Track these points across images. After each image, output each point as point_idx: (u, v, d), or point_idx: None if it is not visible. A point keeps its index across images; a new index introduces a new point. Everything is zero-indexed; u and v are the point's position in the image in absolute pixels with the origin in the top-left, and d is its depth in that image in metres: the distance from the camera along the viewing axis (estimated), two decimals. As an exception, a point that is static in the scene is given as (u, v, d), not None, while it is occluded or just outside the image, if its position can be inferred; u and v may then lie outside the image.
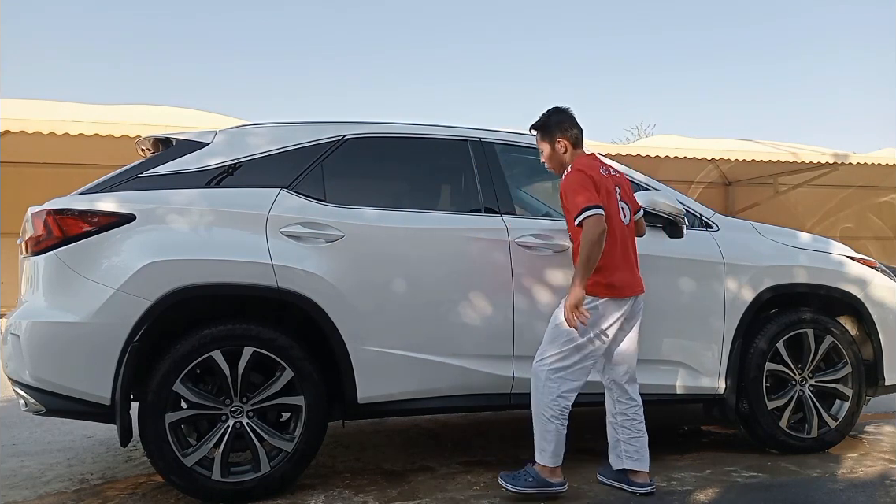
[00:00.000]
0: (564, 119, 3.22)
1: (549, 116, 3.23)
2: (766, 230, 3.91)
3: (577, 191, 2.99)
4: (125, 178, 3.22)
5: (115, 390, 2.91)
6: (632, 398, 3.17)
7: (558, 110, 3.24)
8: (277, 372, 3.08)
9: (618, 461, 3.16)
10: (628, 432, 3.15)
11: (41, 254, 3.01)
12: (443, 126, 3.70)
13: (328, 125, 3.50)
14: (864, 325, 3.91)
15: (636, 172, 3.86)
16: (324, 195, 3.29)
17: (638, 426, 3.15)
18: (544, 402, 3.01)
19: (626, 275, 3.08)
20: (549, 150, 3.22)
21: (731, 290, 3.63)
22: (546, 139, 3.22)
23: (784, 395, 3.73)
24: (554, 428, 2.99)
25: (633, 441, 3.14)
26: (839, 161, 12.10)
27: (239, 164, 3.30)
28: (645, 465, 3.12)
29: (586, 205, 2.94)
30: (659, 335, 3.57)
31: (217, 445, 3.01)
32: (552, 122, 3.21)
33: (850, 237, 11.50)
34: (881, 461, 3.65)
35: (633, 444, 3.14)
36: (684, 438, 4.36)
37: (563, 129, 3.20)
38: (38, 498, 3.23)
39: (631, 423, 3.15)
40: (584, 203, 2.94)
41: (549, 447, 3.00)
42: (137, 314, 2.93)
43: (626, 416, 3.15)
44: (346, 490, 3.22)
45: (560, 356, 3.02)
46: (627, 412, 3.15)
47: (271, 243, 3.11)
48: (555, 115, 3.23)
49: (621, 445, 3.15)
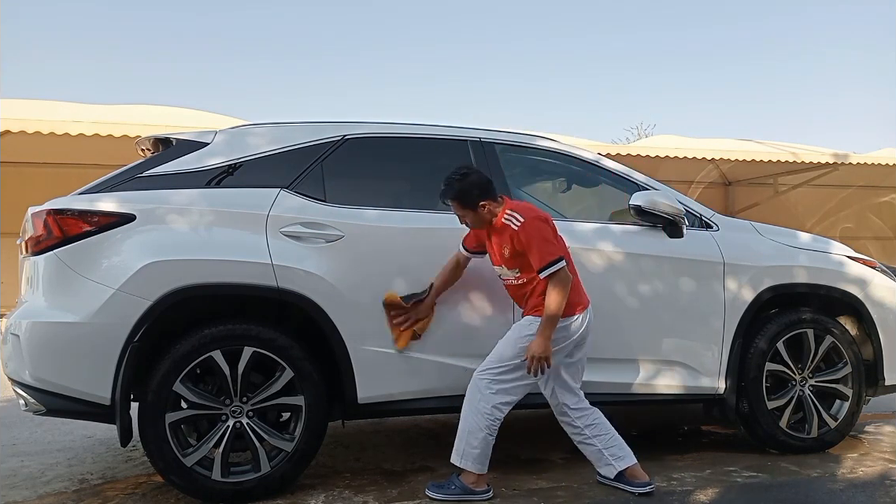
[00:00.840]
0: (477, 179, 3.05)
1: (461, 183, 3.03)
2: (766, 230, 3.91)
3: (545, 240, 2.97)
4: (125, 178, 3.22)
5: (115, 390, 2.91)
6: (587, 408, 3.16)
7: (465, 173, 3.05)
8: (277, 372, 3.08)
9: (610, 469, 3.13)
10: (604, 437, 3.13)
11: (41, 254, 3.01)
12: (443, 126, 3.70)
13: (328, 125, 3.50)
14: (864, 325, 3.91)
15: (636, 172, 3.86)
16: (324, 195, 3.29)
17: (607, 426, 3.15)
18: (480, 409, 3.00)
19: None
20: (473, 215, 3.07)
21: (731, 290, 3.63)
22: (468, 207, 3.05)
23: (784, 395, 3.73)
24: (483, 436, 3.00)
25: (612, 441, 3.14)
26: (839, 161, 12.10)
27: (239, 164, 3.30)
28: (633, 456, 3.13)
29: (557, 256, 2.95)
30: (659, 335, 3.58)
31: (217, 445, 3.01)
32: (468, 188, 3.02)
33: (850, 237, 11.49)
34: (881, 461, 3.65)
35: (613, 445, 3.13)
36: (684, 438, 4.37)
37: (483, 189, 3.04)
38: (38, 498, 3.23)
39: (602, 428, 3.14)
40: (554, 255, 2.95)
41: (474, 452, 3.00)
42: (137, 314, 2.93)
43: (595, 425, 3.14)
44: (346, 490, 3.22)
45: (505, 369, 3.02)
46: (594, 420, 3.14)
47: (271, 243, 3.11)
48: (465, 179, 3.03)
49: (605, 453, 3.13)
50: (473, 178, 3.05)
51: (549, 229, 3.02)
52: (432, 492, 3.06)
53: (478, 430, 3.00)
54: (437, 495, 3.04)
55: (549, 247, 2.96)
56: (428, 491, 3.08)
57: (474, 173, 3.09)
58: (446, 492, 3.04)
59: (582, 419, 3.14)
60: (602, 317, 3.48)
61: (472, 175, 3.07)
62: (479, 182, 3.06)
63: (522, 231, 2.97)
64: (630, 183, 3.78)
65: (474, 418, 3.01)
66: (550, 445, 3.89)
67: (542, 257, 2.94)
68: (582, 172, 3.93)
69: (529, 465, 3.60)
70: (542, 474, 3.43)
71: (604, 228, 3.63)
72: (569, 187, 4.15)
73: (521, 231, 2.97)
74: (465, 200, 3.05)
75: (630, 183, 3.78)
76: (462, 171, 3.07)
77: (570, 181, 4.13)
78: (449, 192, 3.06)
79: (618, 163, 3.94)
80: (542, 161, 3.94)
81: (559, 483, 3.28)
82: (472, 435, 3.01)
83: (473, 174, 3.08)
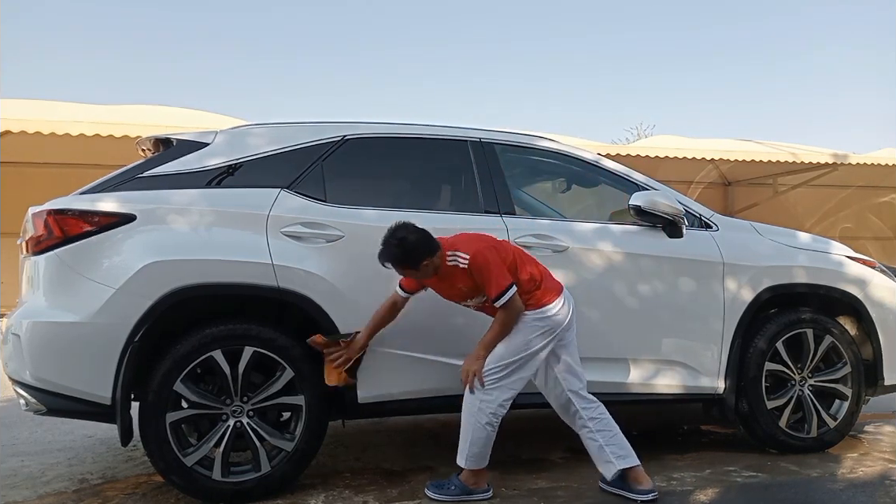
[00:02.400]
0: (415, 241, 2.91)
1: (399, 250, 2.89)
2: (765, 230, 3.91)
3: (495, 267, 2.92)
4: (125, 178, 3.22)
5: (116, 390, 2.92)
6: (593, 400, 3.14)
7: (402, 238, 2.90)
8: (278, 372, 3.09)
9: (610, 467, 3.08)
10: (606, 433, 3.10)
11: (42, 254, 3.01)
12: (443, 126, 3.71)
13: (328, 125, 3.51)
14: (864, 325, 3.92)
15: (636, 172, 3.87)
16: (324, 195, 3.29)
17: (611, 423, 3.13)
18: (483, 408, 2.98)
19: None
20: (417, 272, 2.98)
21: (730, 290, 3.64)
22: (410, 269, 2.96)
23: (783, 394, 3.73)
24: (486, 434, 2.99)
25: (614, 439, 3.10)
26: (839, 161, 12.10)
27: (239, 164, 3.30)
28: (635, 458, 3.09)
29: (509, 283, 2.93)
30: (658, 335, 3.58)
31: (217, 445, 3.01)
32: (407, 253, 2.91)
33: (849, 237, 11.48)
34: (881, 461, 3.65)
35: (615, 443, 3.10)
36: (684, 438, 4.37)
37: (422, 250, 2.91)
38: (38, 498, 3.23)
39: (605, 423, 3.11)
40: (506, 282, 2.92)
41: (475, 450, 3.00)
42: (138, 314, 2.93)
43: (598, 419, 3.11)
44: (346, 490, 3.23)
45: (502, 367, 3.00)
46: (597, 415, 3.12)
47: (272, 243, 3.12)
48: (403, 245, 2.90)
49: (606, 449, 3.09)
50: (411, 240, 2.90)
51: (493, 252, 2.96)
52: (432, 492, 3.06)
53: (482, 429, 2.99)
54: (436, 496, 3.04)
55: (500, 274, 2.92)
56: (427, 491, 3.08)
57: (412, 234, 2.92)
58: (445, 492, 3.04)
59: (587, 410, 3.12)
60: (602, 317, 3.50)
61: (410, 238, 2.91)
62: (417, 244, 2.91)
63: (473, 267, 2.92)
64: (630, 183, 3.78)
65: (476, 417, 3.00)
66: (550, 445, 3.90)
67: (496, 287, 2.92)
68: (582, 172, 3.93)
69: (529, 465, 3.60)
70: (542, 474, 3.43)
71: (604, 228, 3.64)
72: (569, 187, 4.15)
73: (472, 267, 2.93)
74: (406, 264, 2.94)
75: (630, 183, 3.78)
76: (399, 237, 2.90)
77: (570, 181, 4.13)
78: (387, 257, 2.92)
79: (618, 163, 3.94)
80: (542, 161, 3.94)
81: (559, 483, 3.29)
82: (476, 434, 3.00)
83: (411, 236, 2.91)
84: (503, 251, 3.02)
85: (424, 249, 2.93)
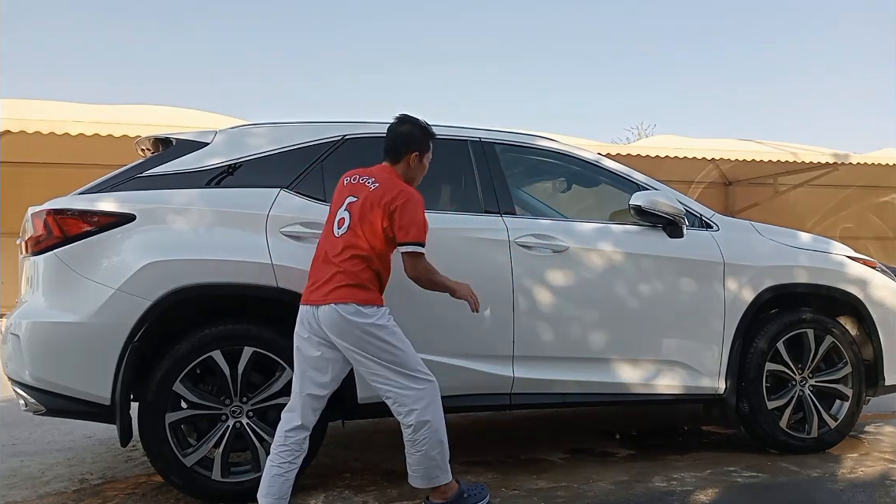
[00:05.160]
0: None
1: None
2: (766, 230, 3.90)
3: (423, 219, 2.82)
4: (125, 178, 3.22)
5: (115, 390, 2.91)
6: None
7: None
8: (277, 372, 3.08)
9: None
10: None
11: (41, 254, 3.01)
12: (443, 126, 3.69)
13: (328, 125, 3.50)
14: (865, 326, 3.91)
15: (636, 172, 3.86)
16: (324, 195, 3.28)
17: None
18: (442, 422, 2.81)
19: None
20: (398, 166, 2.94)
21: (731, 291, 3.63)
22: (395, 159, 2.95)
23: (784, 395, 3.73)
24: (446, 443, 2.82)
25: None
26: (839, 161, 12.11)
27: (239, 164, 3.30)
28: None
29: (423, 241, 2.82)
30: (659, 335, 3.58)
31: (217, 445, 3.01)
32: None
33: (850, 237, 11.48)
34: (881, 461, 3.65)
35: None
36: (684, 438, 4.37)
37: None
38: (38, 498, 3.23)
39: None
40: (423, 239, 2.81)
41: (446, 463, 2.82)
42: (137, 314, 2.92)
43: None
44: (346, 490, 3.22)
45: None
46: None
47: (271, 243, 3.11)
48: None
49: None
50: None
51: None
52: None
53: (445, 443, 2.82)
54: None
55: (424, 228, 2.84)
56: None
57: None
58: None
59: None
60: (602, 317, 3.50)
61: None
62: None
63: (407, 201, 2.83)
64: (630, 183, 3.78)
65: (441, 437, 2.81)
66: (550, 445, 3.89)
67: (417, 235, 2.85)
68: (582, 172, 3.93)
69: (529, 465, 3.60)
70: (542, 474, 3.43)
71: (604, 228, 3.63)
72: (569, 187, 4.15)
73: (404, 201, 2.82)
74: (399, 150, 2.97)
75: (630, 183, 3.78)
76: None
77: (570, 181, 4.13)
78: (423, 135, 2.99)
79: (618, 163, 3.93)
80: (542, 161, 3.94)
81: (559, 483, 3.28)
82: (443, 449, 2.82)
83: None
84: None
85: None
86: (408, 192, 2.81)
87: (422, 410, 2.76)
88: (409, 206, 2.76)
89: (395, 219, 2.74)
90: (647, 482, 3.28)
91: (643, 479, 3.29)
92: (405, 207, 2.75)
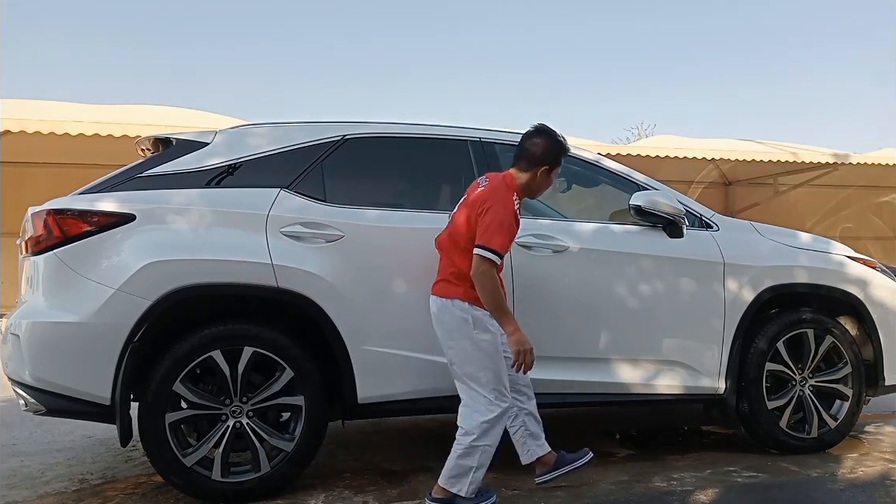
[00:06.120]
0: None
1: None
2: (766, 230, 3.90)
3: (507, 222, 2.86)
4: (125, 178, 3.22)
5: (115, 390, 2.91)
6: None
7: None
8: (277, 372, 3.08)
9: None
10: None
11: (41, 254, 3.01)
12: (443, 126, 3.70)
13: (328, 125, 3.50)
14: (865, 326, 3.91)
15: (636, 172, 3.86)
16: (324, 195, 3.29)
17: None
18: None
19: None
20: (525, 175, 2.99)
21: (731, 291, 3.63)
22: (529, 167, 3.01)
23: (784, 395, 3.73)
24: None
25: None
26: (839, 161, 12.11)
27: (239, 164, 3.30)
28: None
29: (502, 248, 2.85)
30: (659, 335, 3.58)
31: (217, 445, 3.01)
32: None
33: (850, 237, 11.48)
34: (881, 461, 3.65)
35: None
36: (684, 438, 4.37)
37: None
38: (38, 498, 3.23)
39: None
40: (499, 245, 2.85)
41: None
42: (137, 314, 2.93)
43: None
44: (346, 490, 3.22)
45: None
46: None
47: (271, 243, 3.11)
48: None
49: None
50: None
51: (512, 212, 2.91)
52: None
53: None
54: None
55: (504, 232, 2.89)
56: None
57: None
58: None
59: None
60: (602, 317, 3.50)
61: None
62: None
63: (490, 199, 2.91)
64: (630, 183, 3.78)
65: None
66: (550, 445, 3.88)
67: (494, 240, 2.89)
68: (582, 172, 3.92)
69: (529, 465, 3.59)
70: (543, 474, 3.42)
71: (604, 228, 3.63)
72: (569, 187, 4.14)
73: (488, 199, 2.91)
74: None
75: (630, 183, 3.78)
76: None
77: (570, 181, 4.12)
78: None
79: (618, 163, 3.93)
80: (542, 161, 3.93)
81: (559, 483, 3.28)
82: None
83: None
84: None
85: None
86: (502, 200, 2.83)
87: None
88: (495, 211, 2.79)
89: (479, 221, 2.80)
90: (647, 482, 3.28)
91: (643, 479, 3.29)
92: (490, 212, 2.79)
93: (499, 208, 2.80)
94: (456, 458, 2.82)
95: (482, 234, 2.78)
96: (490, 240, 2.75)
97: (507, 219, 2.80)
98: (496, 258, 2.76)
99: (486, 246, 2.75)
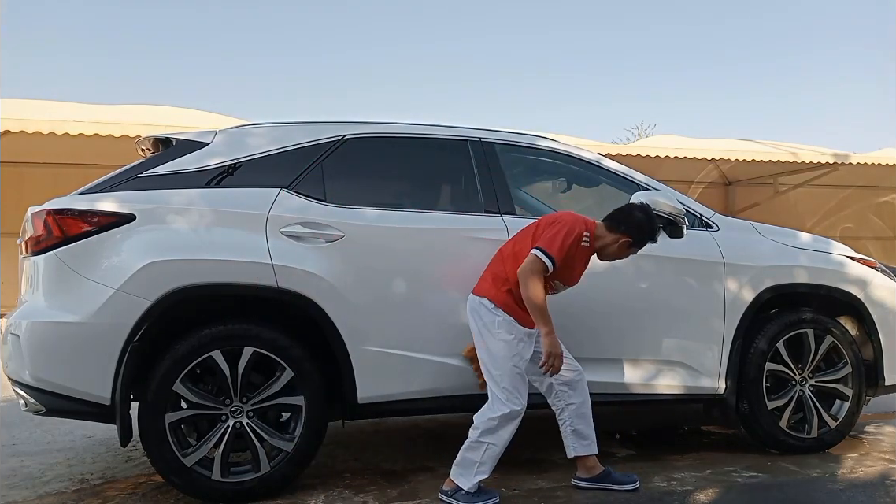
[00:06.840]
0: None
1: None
2: (766, 230, 3.90)
3: (560, 236, 3.00)
4: (125, 178, 3.22)
5: (115, 390, 2.91)
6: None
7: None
8: (277, 372, 3.08)
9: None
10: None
11: (41, 254, 3.01)
12: (443, 126, 3.70)
13: (328, 125, 3.50)
14: (865, 326, 3.91)
15: (636, 172, 3.86)
16: (324, 195, 3.28)
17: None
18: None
19: None
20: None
21: (731, 291, 3.63)
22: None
23: (784, 395, 3.73)
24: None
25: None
26: (839, 161, 12.11)
27: (239, 164, 3.30)
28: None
29: (552, 254, 2.99)
30: (659, 335, 3.58)
31: (217, 445, 3.01)
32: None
33: (850, 237, 11.48)
34: (881, 461, 3.65)
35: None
36: (684, 438, 4.37)
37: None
38: (38, 498, 3.23)
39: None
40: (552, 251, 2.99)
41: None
42: (137, 314, 2.92)
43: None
44: (346, 490, 3.22)
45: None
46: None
47: (271, 243, 3.11)
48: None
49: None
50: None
51: (570, 233, 3.05)
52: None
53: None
54: None
55: (556, 243, 3.02)
56: None
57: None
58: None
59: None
60: (602, 317, 3.50)
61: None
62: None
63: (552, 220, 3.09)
64: (630, 183, 3.78)
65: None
66: (550, 445, 3.88)
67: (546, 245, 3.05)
68: (582, 172, 3.93)
69: (529, 465, 3.60)
70: (542, 474, 3.43)
71: (604, 228, 3.62)
72: (569, 187, 4.15)
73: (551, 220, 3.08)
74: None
75: (630, 183, 3.78)
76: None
77: (570, 181, 4.13)
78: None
79: (618, 163, 3.94)
80: (543, 161, 3.94)
81: (559, 483, 3.28)
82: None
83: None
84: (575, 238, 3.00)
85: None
86: (572, 223, 3.00)
87: None
88: (562, 227, 2.97)
89: (545, 231, 2.98)
90: (647, 482, 3.28)
91: (643, 479, 3.29)
92: (558, 226, 2.98)
93: (567, 228, 2.97)
94: (463, 451, 2.97)
95: (543, 238, 2.96)
96: (549, 245, 2.93)
97: (569, 239, 2.95)
98: (548, 262, 2.90)
99: (542, 248, 2.92)
